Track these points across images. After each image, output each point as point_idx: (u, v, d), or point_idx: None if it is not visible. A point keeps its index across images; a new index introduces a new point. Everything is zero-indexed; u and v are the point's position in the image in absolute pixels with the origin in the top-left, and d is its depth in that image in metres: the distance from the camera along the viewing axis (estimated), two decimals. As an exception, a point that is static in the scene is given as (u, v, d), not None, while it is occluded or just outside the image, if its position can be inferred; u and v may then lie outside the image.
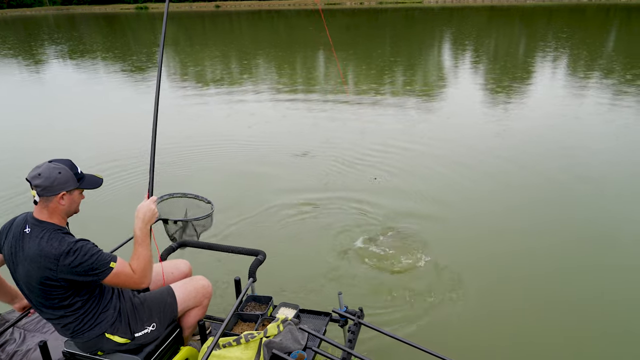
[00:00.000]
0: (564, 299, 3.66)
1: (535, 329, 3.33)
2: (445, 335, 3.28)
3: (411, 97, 10.71)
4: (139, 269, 2.03)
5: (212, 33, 31.71)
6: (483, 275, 3.95)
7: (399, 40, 24.28)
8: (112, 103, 11.17)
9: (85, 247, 1.90)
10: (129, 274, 2.01)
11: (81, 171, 2.04)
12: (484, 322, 3.43)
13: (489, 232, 4.70)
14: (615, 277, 3.92)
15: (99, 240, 2.08)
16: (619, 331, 3.32)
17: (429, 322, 3.39)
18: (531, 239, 4.52)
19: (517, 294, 3.74)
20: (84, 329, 2.04)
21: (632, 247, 4.35)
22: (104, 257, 1.94)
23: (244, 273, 2.71)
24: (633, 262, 4.11)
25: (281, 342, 2.35)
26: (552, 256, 4.23)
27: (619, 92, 10.61)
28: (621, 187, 5.59)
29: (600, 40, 20.85)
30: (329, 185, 5.79)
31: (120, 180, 6.04)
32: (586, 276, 3.96)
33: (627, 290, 3.75)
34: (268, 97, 11.16)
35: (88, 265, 1.89)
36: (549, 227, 4.73)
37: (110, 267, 1.94)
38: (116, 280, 1.98)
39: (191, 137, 7.96)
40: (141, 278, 2.04)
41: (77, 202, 2.03)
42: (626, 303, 3.60)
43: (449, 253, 4.25)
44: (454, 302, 3.61)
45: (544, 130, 7.88)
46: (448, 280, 3.87)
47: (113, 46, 24.06)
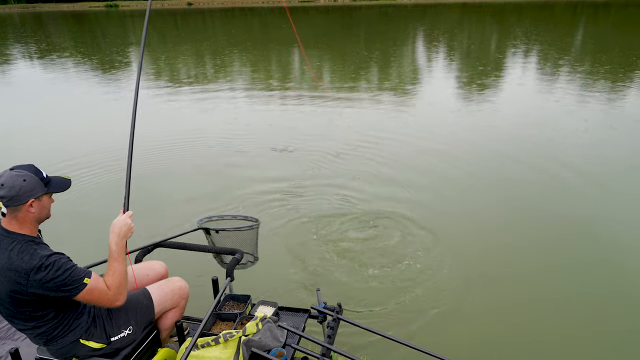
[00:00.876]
0: (546, 293, 3.73)
1: (518, 323, 3.39)
2: (424, 328, 3.32)
3: (387, 93, 10.80)
4: (114, 285, 1.96)
5: (185, 31, 31.24)
6: (463, 269, 3.99)
7: (374, 37, 24.40)
8: (82, 102, 10.90)
9: (58, 262, 1.82)
10: (104, 290, 1.93)
11: (47, 174, 1.95)
12: (465, 316, 3.47)
13: (471, 226, 4.76)
14: (609, 272, 3.99)
15: (74, 241, 2.04)
16: (617, 327, 3.38)
17: (408, 317, 3.42)
18: (514, 233, 4.60)
19: (502, 289, 3.78)
20: (57, 336, 1.98)
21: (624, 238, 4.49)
22: (77, 273, 1.86)
23: (221, 272, 2.69)
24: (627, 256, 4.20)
25: (260, 340, 2.34)
26: (536, 250, 4.32)
27: (586, 85, 10.94)
28: (602, 178, 5.76)
29: (568, 36, 21.40)
30: (306, 181, 5.80)
31: (90, 179, 5.93)
32: (572, 272, 4.03)
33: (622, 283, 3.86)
34: (243, 95, 11.08)
35: (60, 280, 1.81)
36: (532, 220, 4.82)
37: (84, 283, 1.86)
38: (89, 297, 1.90)
39: (165, 134, 7.84)
40: (116, 295, 1.97)
41: (47, 208, 1.96)
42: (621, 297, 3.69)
43: (429, 247, 4.30)
44: (433, 296, 3.65)
45: (520, 123, 8.09)
46: (427, 274, 3.91)
47: (83, 45, 23.48)
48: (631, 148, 6.77)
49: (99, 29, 35.78)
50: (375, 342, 3.07)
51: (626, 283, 3.85)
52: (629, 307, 3.56)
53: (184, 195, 5.52)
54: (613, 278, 3.90)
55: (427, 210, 5.00)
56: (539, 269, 4.02)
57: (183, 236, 2.91)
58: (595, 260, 4.12)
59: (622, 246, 4.32)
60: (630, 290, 3.76)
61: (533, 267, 4.05)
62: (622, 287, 3.81)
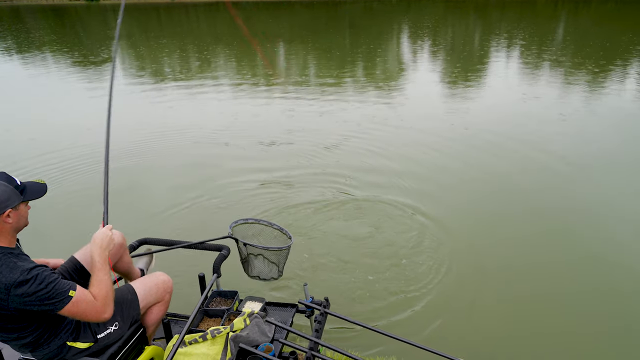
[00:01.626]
0: (535, 288, 3.80)
1: (508, 317, 3.43)
2: (412, 321, 3.35)
3: (372, 88, 10.82)
4: (101, 296, 1.89)
5: (169, 26, 30.84)
6: (453, 263, 4.04)
7: (359, 32, 24.40)
8: (64, 100, 10.71)
9: (40, 275, 1.75)
10: (91, 301, 1.86)
11: (20, 181, 1.88)
12: (454, 309, 3.51)
13: (463, 220, 4.80)
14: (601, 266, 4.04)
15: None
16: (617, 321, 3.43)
17: (395, 310, 3.46)
18: (508, 226, 4.66)
19: (489, 283, 3.82)
20: (43, 344, 1.93)
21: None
22: (61, 286, 1.79)
23: (207, 268, 2.68)
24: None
25: (248, 335, 2.34)
26: (530, 243, 4.37)
27: (568, 77, 11.11)
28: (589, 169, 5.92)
29: (550, 30, 21.66)
30: (291, 174, 5.79)
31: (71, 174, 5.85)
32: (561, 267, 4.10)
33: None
34: (228, 90, 11.01)
35: (44, 294, 1.74)
36: (527, 212, 4.89)
37: (69, 296, 1.79)
38: (75, 310, 1.82)
39: (149, 130, 7.76)
40: (104, 306, 1.89)
41: (24, 216, 1.89)
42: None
43: (418, 240, 4.34)
44: (421, 289, 3.69)
45: (504, 115, 8.18)
46: (415, 268, 3.95)
47: (63, 40, 23.02)
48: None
49: (79, 23, 35.12)
50: (363, 335, 3.10)
51: (629, 278, 3.87)
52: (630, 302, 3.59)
53: (172, 183, 5.51)
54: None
55: (418, 202, 5.05)
56: (534, 263, 4.08)
57: (175, 234, 2.90)
58: (598, 254, 4.16)
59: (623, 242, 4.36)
60: (633, 285, 3.76)
61: (528, 261, 4.09)
62: (625, 282, 3.80)
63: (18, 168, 6.07)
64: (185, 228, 4.63)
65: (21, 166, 6.18)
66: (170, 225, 4.70)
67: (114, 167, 5.90)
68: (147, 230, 4.42)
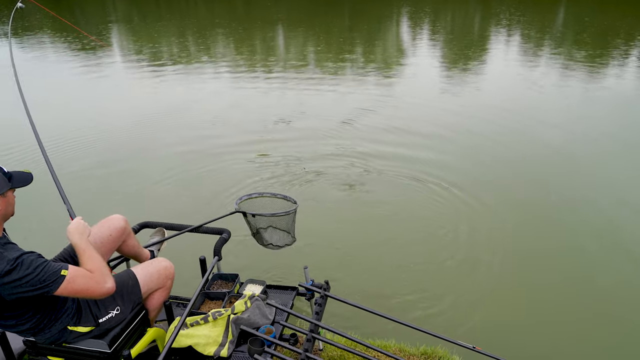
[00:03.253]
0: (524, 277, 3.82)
1: (516, 305, 3.44)
2: (413, 304, 3.39)
3: (372, 73, 10.74)
4: (96, 267, 1.87)
5: (167, 10, 30.45)
6: (455, 247, 4.08)
7: (358, 15, 24.13)
8: (60, 84, 10.65)
9: (26, 260, 1.72)
10: (87, 275, 1.83)
11: (6, 170, 1.87)
12: (455, 293, 3.54)
13: (467, 203, 4.82)
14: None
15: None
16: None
17: (397, 293, 3.49)
18: (517, 212, 4.64)
19: (491, 271, 3.82)
20: (43, 329, 1.94)
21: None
22: (52, 267, 1.76)
23: (208, 252, 2.70)
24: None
25: (249, 318, 2.37)
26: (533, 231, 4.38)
27: (568, 65, 11.04)
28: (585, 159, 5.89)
29: (551, 16, 21.44)
30: (292, 158, 5.79)
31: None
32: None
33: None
34: (227, 74, 10.94)
35: (34, 278, 1.71)
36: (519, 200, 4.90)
37: (62, 275, 1.76)
38: (74, 287, 1.78)
39: (149, 114, 7.76)
40: (102, 276, 1.86)
41: (12, 204, 1.88)
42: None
43: (417, 223, 4.37)
44: (421, 272, 3.72)
45: (502, 102, 8.15)
46: (417, 250, 3.99)
47: (59, 23, 22.76)
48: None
49: (76, 6, 34.70)
50: (363, 318, 3.11)
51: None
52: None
53: (171, 165, 5.52)
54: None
55: (423, 181, 5.06)
56: (546, 249, 4.08)
57: (181, 219, 2.92)
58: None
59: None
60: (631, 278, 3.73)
61: (539, 248, 4.09)
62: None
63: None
64: (186, 211, 4.66)
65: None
66: (171, 208, 4.73)
67: (110, 154, 6.00)
68: (149, 214, 4.45)
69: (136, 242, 2.62)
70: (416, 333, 2.23)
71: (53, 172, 2.38)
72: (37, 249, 1.84)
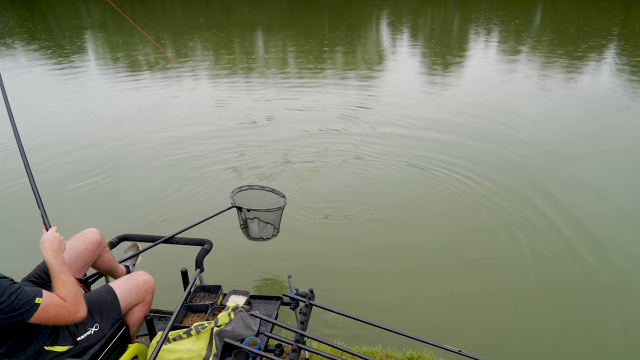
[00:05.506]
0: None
1: (501, 312, 3.44)
2: (398, 311, 3.38)
3: (353, 76, 10.78)
4: (70, 296, 1.82)
5: (142, 15, 30.10)
6: (434, 253, 4.07)
7: (338, 19, 24.23)
8: (34, 92, 10.41)
9: (1, 286, 1.68)
10: (60, 304, 1.79)
11: None
12: (441, 298, 3.54)
13: (434, 210, 4.82)
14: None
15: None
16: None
17: (381, 299, 3.48)
18: (496, 214, 4.65)
19: (476, 274, 3.82)
20: (18, 351, 1.87)
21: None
22: (25, 294, 1.71)
23: (190, 263, 2.65)
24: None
25: (233, 330, 2.33)
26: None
27: (547, 62, 11.27)
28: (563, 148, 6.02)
29: (529, 16, 21.86)
30: (268, 167, 5.76)
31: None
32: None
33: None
34: (206, 80, 10.85)
35: (7, 306, 1.67)
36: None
37: (36, 304, 1.72)
38: (46, 316, 1.75)
39: (129, 120, 7.64)
40: (75, 305, 1.82)
41: None
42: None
43: (398, 229, 4.37)
44: (406, 278, 3.72)
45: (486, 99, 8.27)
46: (398, 256, 3.98)
47: (33, 30, 22.30)
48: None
49: (49, 12, 34.05)
50: (348, 325, 3.11)
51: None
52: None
53: (148, 175, 5.41)
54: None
55: (397, 191, 5.07)
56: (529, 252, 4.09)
57: (156, 228, 2.90)
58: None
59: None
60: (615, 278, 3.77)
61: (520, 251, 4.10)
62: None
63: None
64: (166, 222, 4.58)
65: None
66: (150, 219, 4.65)
67: (85, 164, 5.87)
68: (127, 226, 4.37)
69: (112, 256, 2.56)
70: (402, 338, 2.23)
71: (30, 175, 2.29)
72: (8, 256, 1.78)
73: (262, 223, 3.33)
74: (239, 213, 3.29)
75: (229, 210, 3.24)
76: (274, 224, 3.36)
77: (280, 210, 3.31)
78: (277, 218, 3.34)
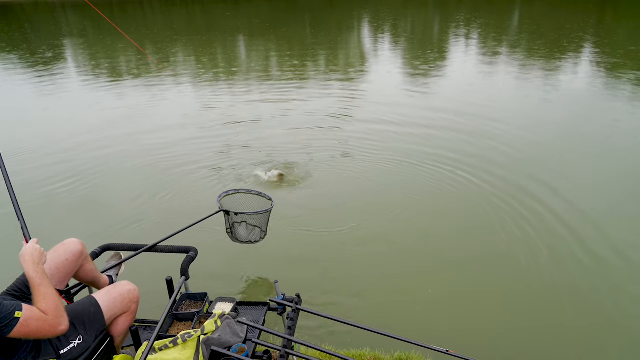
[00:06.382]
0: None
1: (488, 312, 3.44)
2: (385, 312, 3.39)
3: (335, 79, 10.81)
4: (50, 309, 1.78)
5: (122, 21, 29.83)
6: (419, 256, 4.07)
7: (319, 24, 24.33)
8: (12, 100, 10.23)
9: None
10: (41, 317, 1.75)
11: None
12: (425, 300, 3.54)
13: (431, 209, 4.83)
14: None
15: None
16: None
17: (368, 302, 3.48)
18: (482, 216, 4.66)
19: (463, 276, 3.81)
20: None
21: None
22: (5, 308, 1.67)
23: (175, 270, 2.62)
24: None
25: (220, 337, 2.31)
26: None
27: (525, 65, 11.47)
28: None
29: (506, 20, 22.23)
30: (253, 170, 5.74)
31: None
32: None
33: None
34: (189, 86, 10.78)
35: None
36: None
37: (16, 318, 1.68)
38: (26, 331, 1.71)
39: (110, 126, 7.54)
40: (56, 318, 1.79)
41: None
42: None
43: (382, 231, 4.38)
44: (392, 280, 3.72)
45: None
46: (385, 258, 3.99)
47: (9, 39, 21.93)
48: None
49: (26, 19, 33.54)
50: (336, 329, 3.11)
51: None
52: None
53: (130, 184, 5.34)
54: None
55: (381, 192, 5.09)
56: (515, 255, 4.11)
57: (139, 235, 2.87)
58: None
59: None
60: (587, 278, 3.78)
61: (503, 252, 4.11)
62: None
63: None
64: (150, 229, 4.53)
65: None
66: (133, 226, 4.59)
67: (63, 170, 5.77)
68: (110, 235, 4.31)
69: (94, 266, 2.51)
70: (390, 340, 2.24)
71: (10, 187, 2.24)
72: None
73: (250, 226, 3.36)
74: (226, 217, 3.29)
75: (214, 216, 3.22)
76: (261, 227, 3.39)
77: (268, 213, 3.33)
78: (264, 221, 3.37)
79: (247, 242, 3.41)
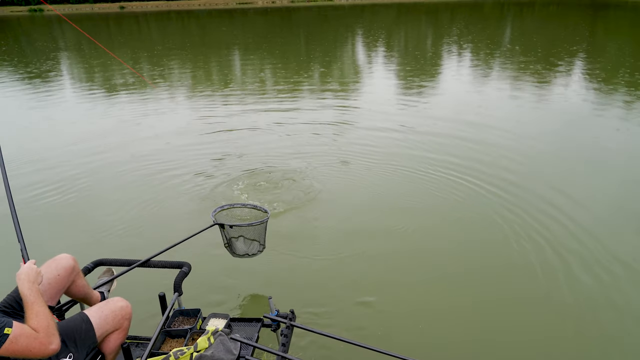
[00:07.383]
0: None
1: (484, 325, 3.39)
2: (382, 329, 3.33)
3: (329, 95, 10.87)
4: (42, 327, 1.76)
5: (118, 36, 29.96)
6: (411, 269, 4.03)
7: (314, 39, 24.55)
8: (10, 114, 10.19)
9: None
10: (31, 335, 1.73)
11: None
12: (423, 314, 3.48)
13: (425, 222, 4.81)
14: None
15: None
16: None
17: (365, 318, 3.42)
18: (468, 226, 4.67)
19: (460, 290, 3.75)
20: None
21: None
22: None
23: (168, 286, 2.60)
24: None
25: (213, 355, 2.28)
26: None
27: (516, 77, 11.61)
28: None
29: (499, 33, 22.56)
30: (246, 182, 5.72)
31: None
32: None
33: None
34: (184, 101, 10.80)
35: None
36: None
37: (5, 334, 1.66)
38: (15, 348, 1.69)
39: (101, 142, 7.51)
40: (48, 337, 1.76)
41: None
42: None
43: (375, 245, 4.36)
44: (389, 295, 3.68)
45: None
46: (377, 274, 3.95)
47: (6, 52, 21.96)
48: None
49: (22, 34, 33.61)
50: (331, 346, 3.06)
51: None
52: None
53: (123, 198, 5.30)
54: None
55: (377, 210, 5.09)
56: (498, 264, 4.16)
57: (132, 250, 2.85)
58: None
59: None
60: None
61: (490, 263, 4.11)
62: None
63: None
64: (142, 242, 4.49)
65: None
66: (125, 240, 4.55)
67: (56, 188, 5.74)
68: (101, 248, 4.27)
69: (86, 282, 2.48)
70: (386, 358, 2.20)
71: (13, 208, 2.25)
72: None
73: (248, 240, 3.33)
74: (222, 231, 3.27)
75: (208, 231, 3.20)
76: (259, 240, 3.38)
77: (264, 225, 3.32)
78: (261, 234, 3.36)
79: (244, 255, 3.40)
